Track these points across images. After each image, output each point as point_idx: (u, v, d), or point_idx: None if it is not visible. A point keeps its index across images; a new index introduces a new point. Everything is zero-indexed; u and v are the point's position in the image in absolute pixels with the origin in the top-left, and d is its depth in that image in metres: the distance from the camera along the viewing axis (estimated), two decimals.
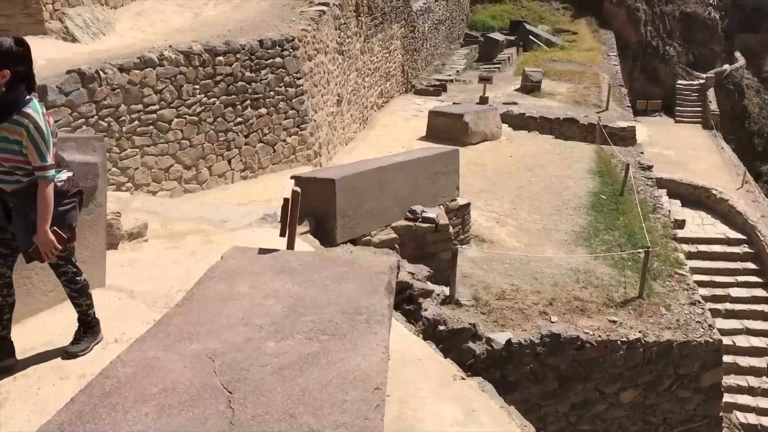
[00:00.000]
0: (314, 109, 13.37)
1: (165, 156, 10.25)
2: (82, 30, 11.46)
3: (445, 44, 31.27)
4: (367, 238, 8.35)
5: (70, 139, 4.67)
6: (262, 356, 2.89)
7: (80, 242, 4.70)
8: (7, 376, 3.77)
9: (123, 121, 9.48)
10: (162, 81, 9.99)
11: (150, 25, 13.02)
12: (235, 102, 11.32)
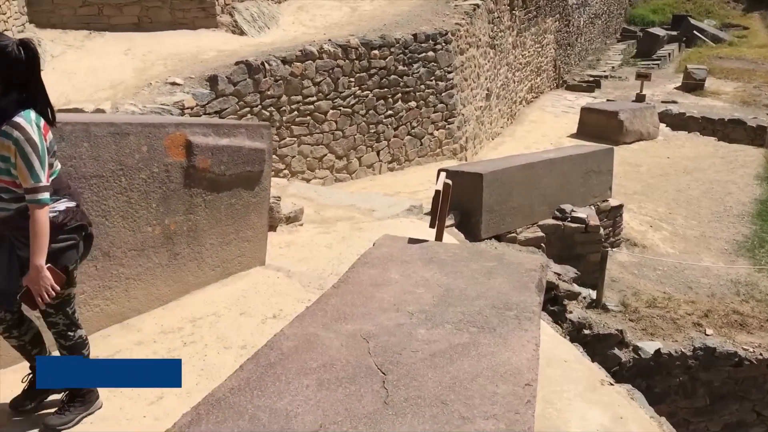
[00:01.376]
0: (463, 103, 13.38)
1: (319, 146, 10.68)
2: (249, 23, 12.16)
3: (600, 39, 30.11)
4: (512, 235, 8.27)
5: (241, 126, 5.00)
6: (414, 342, 2.97)
7: (245, 223, 5.05)
8: (178, 341, 4.12)
9: (283, 111, 10.00)
10: (320, 73, 10.41)
11: (310, 20, 13.58)
12: (387, 95, 11.57)
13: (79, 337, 3.25)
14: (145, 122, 4.31)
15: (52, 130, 2.99)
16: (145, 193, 4.22)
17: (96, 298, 4.06)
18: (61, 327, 3.15)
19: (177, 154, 4.40)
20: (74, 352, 3.22)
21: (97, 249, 3.99)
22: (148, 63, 10.14)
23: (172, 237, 4.47)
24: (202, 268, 4.79)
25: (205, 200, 4.67)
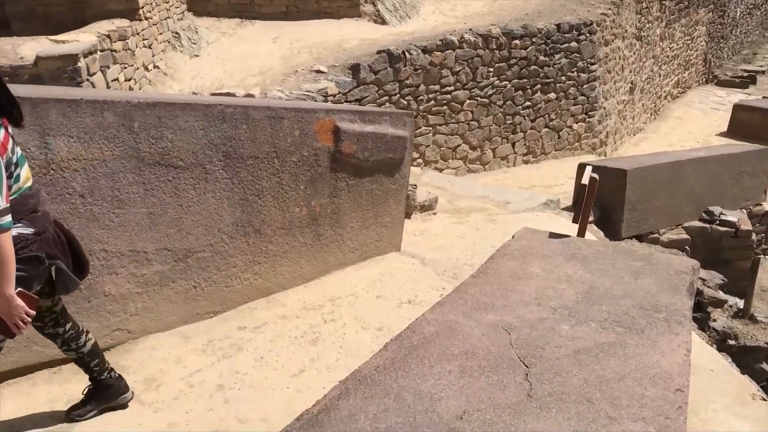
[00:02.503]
0: (605, 96, 12.89)
1: (454, 136, 10.68)
2: (391, 13, 12.33)
3: (758, 31, 27.94)
4: (654, 235, 7.91)
5: (386, 113, 5.10)
6: (557, 337, 2.92)
7: (384, 208, 5.15)
8: (319, 318, 4.28)
9: (421, 100, 10.08)
10: (459, 63, 10.39)
11: (451, 9, 13.56)
12: (526, 86, 11.36)
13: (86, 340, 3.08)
14: (299, 107, 4.49)
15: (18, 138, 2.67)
16: (295, 175, 4.41)
17: (246, 272, 4.30)
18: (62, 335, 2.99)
19: (326, 139, 4.55)
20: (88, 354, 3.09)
21: (250, 226, 4.22)
22: (295, 51, 10.54)
23: (317, 218, 4.65)
24: (343, 250, 4.94)
25: (349, 185, 4.81)
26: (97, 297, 3.61)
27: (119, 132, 3.52)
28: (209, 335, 4.00)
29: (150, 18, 9.32)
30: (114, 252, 3.63)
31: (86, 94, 3.56)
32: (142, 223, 3.72)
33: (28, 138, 3.21)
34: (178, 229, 3.88)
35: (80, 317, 3.55)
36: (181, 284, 3.99)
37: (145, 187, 3.69)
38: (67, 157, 3.36)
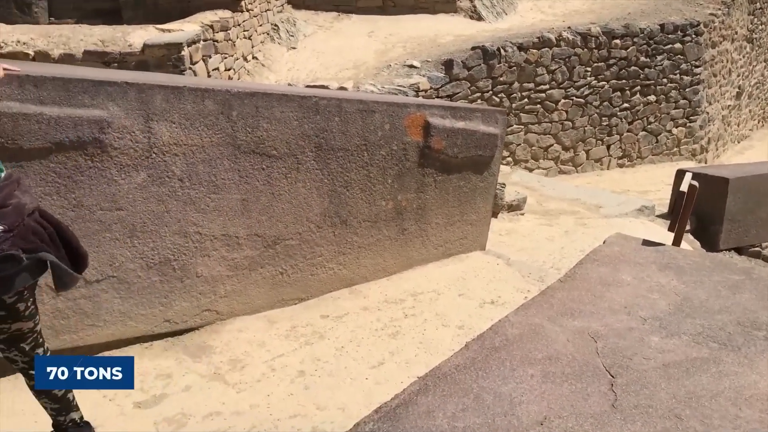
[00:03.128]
0: (708, 101, 12.30)
1: (547, 135, 10.47)
2: (488, 9, 12.19)
3: None
4: (756, 249, 7.49)
5: (477, 110, 5.04)
6: (646, 349, 2.81)
7: (471, 206, 5.11)
8: (400, 312, 4.30)
9: (514, 98, 9.93)
10: (556, 61, 10.17)
11: (549, 6, 13.28)
12: (624, 87, 10.99)
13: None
14: (390, 101, 4.51)
15: None
16: (383, 168, 4.43)
17: (331, 262, 4.36)
18: (20, 365, 2.59)
19: (415, 134, 4.55)
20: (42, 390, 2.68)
21: (337, 217, 4.28)
22: (389, 45, 10.60)
23: (402, 213, 4.66)
24: (426, 246, 4.93)
25: (436, 180, 4.79)
26: (190, 277, 3.75)
27: (218, 120, 3.64)
28: (293, 321, 4.09)
29: (251, 10, 9.58)
30: (208, 235, 3.76)
31: (189, 82, 3.69)
32: (236, 208, 3.83)
33: (133, 122, 3.36)
34: (269, 217, 3.98)
35: (173, 296, 3.70)
36: (269, 270, 4.09)
37: (239, 174, 3.80)
38: (169, 142, 3.50)
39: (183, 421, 3.15)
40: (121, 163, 3.37)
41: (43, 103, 3.10)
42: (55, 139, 3.14)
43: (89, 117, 3.22)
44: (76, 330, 3.44)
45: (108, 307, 3.50)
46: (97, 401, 3.25)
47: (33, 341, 2.60)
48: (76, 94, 3.18)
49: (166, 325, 3.75)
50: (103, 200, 3.36)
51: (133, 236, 3.50)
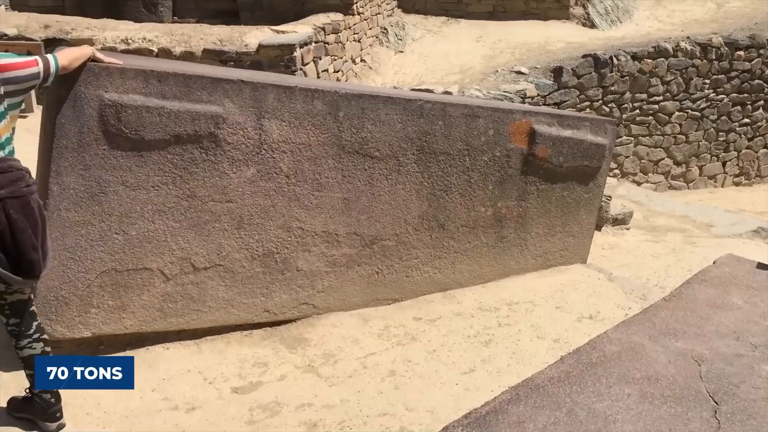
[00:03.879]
0: None
1: (657, 148, 10.07)
2: (602, 17, 11.86)
3: None
4: None
5: (586, 119, 4.93)
6: (755, 377, 2.66)
7: (573, 217, 4.99)
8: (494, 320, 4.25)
9: (624, 109, 9.61)
10: (672, 72, 9.77)
11: (668, 15, 12.76)
12: (746, 101, 10.41)
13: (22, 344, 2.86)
14: (495, 107, 4.48)
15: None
16: (484, 174, 4.41)
17: (426, 265, 4.38)
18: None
19: (520, 141, 4.49)
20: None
21: (435, 220, 4.29)
22: (497, 51, 10.51)
23: (501, 220, 4.61)
24: (524, 255, 4.86)
25: (538, 189, 4.72)
26: (291, 271, 3.86)
27: (325, 120, 3.74)
28: (386, 321, 4.13)
29: (362, 13, 9.76)
30: (309, 231, 3.86)
31: (300, 82, 3.82)
32: (337, 207, 3.92)
33: (246, 119, 3.51)
34: (368, 216, 4.04)
35: (274, 288, 3.83)
36: (366, 269, 4.15)
37: (342, 173, 3.88)
38: (278, 139, 3.62)
39: (276, 409, 3.26)
40: (233, 157, 3.52)
41: (165, 98, 3.29)
42: (174, 132, 3.33)
43: (206, 112, 3.39)
44: (182, 314, 3.62)
45: (213, 294, 3.67)
46: (197, 384, 3.41)
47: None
48: (195, 90, 3.36)
49: (266, 315, 3.88)
50: (214, 192, 3.52)
51: (241, 228, 3.65)
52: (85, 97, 3.12)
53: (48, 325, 3.29)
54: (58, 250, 3.22)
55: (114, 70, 3.15)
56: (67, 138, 3.12)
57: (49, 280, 3.23)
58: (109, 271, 3.37)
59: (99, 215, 3.27)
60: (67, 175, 3.16)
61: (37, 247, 2.65)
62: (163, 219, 3.44)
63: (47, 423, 2.96)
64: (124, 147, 3.25)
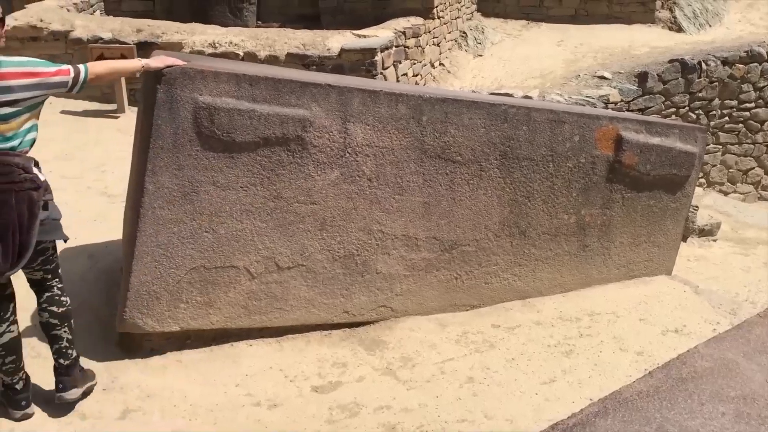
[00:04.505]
0: None
1: (747, 157, 9.64)
2: (689, 20, 11.46)
3: None
4: None
5: (675, 126, 4.77)
6: None
7: (659, 227, 4.84)
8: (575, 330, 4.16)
9: (713, 116, 9.25)
10: (765, 78, 9.34)
11: (761, 18, 12.20)
12: None
13: (69, 304, 3.14)
14: (581, 113, 4.39)
15: None
16: (568, 181, 4.33)
17: (506, 272, 4.33)
18: (57, 292, 3.09)
19: (606, 148, 4.39)
20: (65, 320, 3.10)
21: (516, 227, 4.24)
22: (579, 55, 10.31)
23: (584, 228, 4.52)
24: (607, 265, 4.74)
25: (624, 197, 4.59)
26: (370, 273, 3.90)
27: (409, 124, 3.75)
28: (464, 327, 4.11)
29: (442, 17, 9.75)
30: (389, 234, 3.88)
31: (384, 86, 3.84)
32: (417, 211, 3.93)
33: (332, 122, 3.56)
34: (448, 221, 4.03)
35: (353, 289, 3.87)
36: (444, 273, 4.14)
37: (424, 177, 3.89)
38: (362, 143, 3.66)
39: (355, 410, 3.29)
40: (318, 160, 3.58)
41: (255, 101, 3.38)
42: (263, 135, 3.41)
43: (294, 115, 3.46)
44: (266, 312, 3.71)
45: (295, 293, 3.74)
46: (278, 381, 3.48)
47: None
48: (285, 94, 3.43)
49: (345, 316, 3.93)
50: (299, 194, 3.59)
51: (323, 229, 3.70)
52: (181, 100, 3.23)
53: (139, 318, 3.43)
54: (152, 246, 3.35)
55: (208, 74, 3.26)
56: (162, 139, 3.25)
57: (142, 275, 3.37)
58: (198, 268, 3.49)
59: (190, 214, 3.39)
60: (162, 175, 3.29)
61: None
62: (251, 219, 3.53)
63: (13, 411, 3.09)
64: (215, 148, 3.35)
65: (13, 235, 2.78)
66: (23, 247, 2.82)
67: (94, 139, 6.69)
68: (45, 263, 3.02)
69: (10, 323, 3.01)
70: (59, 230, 3.02)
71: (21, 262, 2.84)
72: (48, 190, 2.94)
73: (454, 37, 10.58)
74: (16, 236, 2.79)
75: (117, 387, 3.33)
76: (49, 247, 3.01)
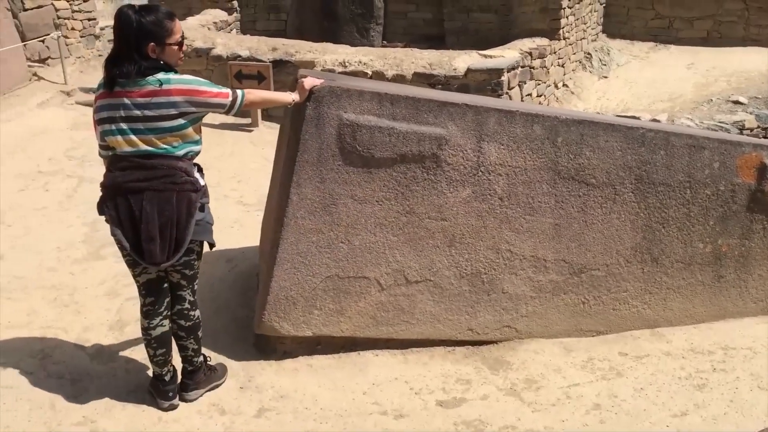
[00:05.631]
0: None
1: None
2: None
3: None
4: None
5: None
6: None
7: None
8: (707, 364, 3.99)
9: None
10: None
11: None
12: None
13: (198, 318, 3.35)
14: (722, 139, 4.23)
15: None
16: (705, 209, 4.17)
17: (635, 299, 4.22)
18: (187, 305, 3.28)
19: (747, 176, 4.21)
20: (192, 332, 3.32)
21: (648, 253, 4.13)
22: (711, 79, 9.90)
23: (720, 258, 4.33)
24: (744, 298, 4.51)
25: (765, 228, 4.37)
26: (496, 292, 3.91)
27: (543, 144, 3.76)
28: (589, 353, 4.04)
29: (567, 38, 9.65)
30: (518, 254, 3.89)
31: (520, 107, 3.87)
32: (547, 232, 3.91)
33: (466, 141, 3.63)
34: (579, 244, 3.99)
35: (479, 307, 3.90)
36: (571, 297, 4.09)
37: (556, 198, 3.87)
38: (495, 162, 3.70)
39: (480, 427, 3.31)
40: (451, 177, 3.65)
41: (395, 119, 3.50)
42: (400, 152, 3.53)
43: (431, 134, 3.55)
44: (392, 324, 3.81)
45: (422, 307, 3.81)
46: (404, 392, 3.56)
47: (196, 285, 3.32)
48: (423, 113, 3.54)
49: (469, 334, 3.96)
50: (431, 210, 3.67)
51: (452, 246, 3.76)
52: (327, 117, 3.41)
53: (276, 322, 3.62)
54: (292, 254, 3.54)
55: (353, 93, 3.42)
56: (308, 153, 3.43)
57: (281, 281, 3.56)
58: (333, 277, 3.63)
59: (329, 224, 3.55)
60: (306, 187, 3.47)
61: (155, 239, 2.97)
62: (384, 232, 3.65)
63: (161, 401, 3.35)
64: (355, 163, 3.50)
65: (171, 231, 3.02)
66: (178, 243, 3.05)
67: (230, 151, 7.10)
68: (185, 266, 3.20)
69: (162, 317, 3.24)
70: (209, 233, 3.24)
71: (175, 257, 3.06)
72: (206, 194, 3.18)
73: (578, 58, 10.42)
74: (173, 232, 3.02)
75: (253, 386, 3.52)
76: (195, 249, 3.21)
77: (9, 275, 4.53)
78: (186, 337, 3.31)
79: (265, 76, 7.53)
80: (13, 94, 8.42)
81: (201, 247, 3.25)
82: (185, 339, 3.32)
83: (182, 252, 3.07)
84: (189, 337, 3.31)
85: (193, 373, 3.40)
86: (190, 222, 3.05)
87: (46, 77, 8.96)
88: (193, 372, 3.40)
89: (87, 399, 3.37)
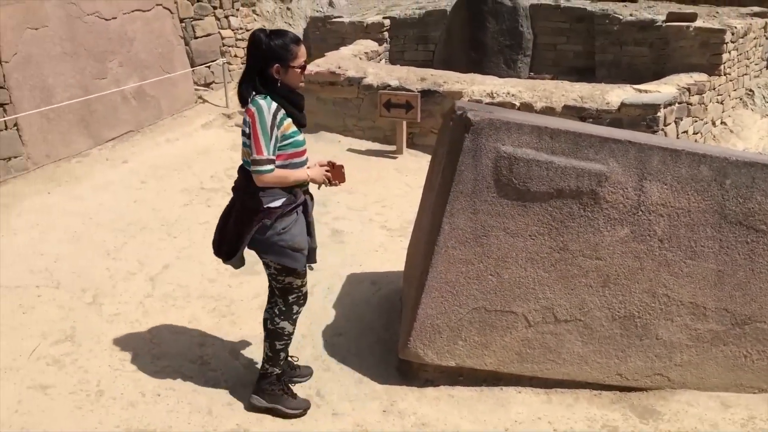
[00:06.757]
0: None
1: None
2: None
3: None
4: None
5: None
6: None
7: None
8: None
9: None
10: None
11: None
12: None
13: (282, 329, 3.41)
14: None
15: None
16: None
17: None
18: (275, 310, 3.41)
19: None
20: (270, 337, 3.43)
21: None
22: None
23: None
24: None
25: None
26: (649, 338, 3.73)
27: (710, 186, 3.57)
28: (750, 411, 3.75)
29: (728, 74, 9.12)
30: (675, 300, 3.70)
31: (686, 146, 3.70)
32: (709, 278, 3.70)
33: (627, 179, 3.51)
34: (744, 293, 3.73)
35: (629, 352, 3.74)
36: (732, 349, 3.83)
37: (720, 243, 3.65)
38: (656, 202, 3.56)
39: None
40: (609, 216, 3.55)
41: (554, 153, 3.46)
42: (557, 186, 3.47)
43: (590, 170, 3.47)
44: (538, 361, 3.72)
45: (569, 347, 3.71)
46: None
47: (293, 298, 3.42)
48: (583, 148, 3.47)
49: (617, 379, 3.80)
50: (585, 248, 3.58)
51: (605, 286, 3.64)
52: (485, 149, 3.42)
53: (421, 349, 3.65)
54: (440, 282, 3.56)
55: (512, 125, 3.42)
56: (463, 184, 3.46)
57: (428, 308, 3.59)
58: (479, 309, 3.62)
59: (479, 256, 3.54)
60: (458, 217, 3.49)
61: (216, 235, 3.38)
62: (534, 267, 3.59)
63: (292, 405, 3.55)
64: (510, 196, 3.49)
65: (221, 232, 3.33)
66: (230, 248, 3.26)
67: (375, 177, 7.27)
68: (270, 278, 3.39)
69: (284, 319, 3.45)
70: (286, 257, 3.24)
71: (229, 259, 3.28)
72: (276, 216, 3.17)
73: (739, 95, 9.81)
74: (224, 235, 3.30)
75: (395, 411, 3.56)
76: (269, 264, 3.31)
77: (174, 283, 4.87)
78: (266, 338, 3.45)
79: (413, 105, 7.67)
80: (181, 115, 9.12)
81: (280, 265, 3.27)
82: (265, 340, 3.46)
83: (233, 258, 3.26)
84: (266, 339, 3.45)
85: (259, 379, 3.54)
86: (245, 232, 3.18)
87: (210, 100, 9.63)
88: (260, 377, 3.54)
89: (241, 407, 3.55)
